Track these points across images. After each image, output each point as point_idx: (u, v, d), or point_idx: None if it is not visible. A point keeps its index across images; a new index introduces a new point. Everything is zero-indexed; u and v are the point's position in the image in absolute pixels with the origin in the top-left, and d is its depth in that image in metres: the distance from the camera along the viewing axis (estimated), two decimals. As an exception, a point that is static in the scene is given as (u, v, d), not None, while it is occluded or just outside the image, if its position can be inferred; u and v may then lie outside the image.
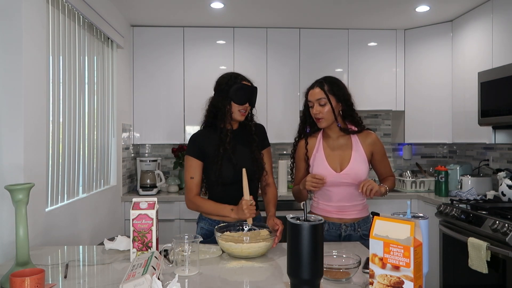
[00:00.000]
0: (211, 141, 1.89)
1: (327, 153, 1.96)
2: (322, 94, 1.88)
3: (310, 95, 1.94)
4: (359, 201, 1.96)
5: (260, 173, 1.94)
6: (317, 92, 1.90)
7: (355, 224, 1.93)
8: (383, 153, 2.02)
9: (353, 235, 1.92)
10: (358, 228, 1.93)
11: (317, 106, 1.90)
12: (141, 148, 4.06)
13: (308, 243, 1.09)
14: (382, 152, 2.01)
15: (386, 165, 2.04)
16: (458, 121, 3.44)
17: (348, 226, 1.92)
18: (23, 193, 1.32)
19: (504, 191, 2.83)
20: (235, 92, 1.85)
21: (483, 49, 3.09)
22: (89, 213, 2.63)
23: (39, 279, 1.13)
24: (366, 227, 1.95)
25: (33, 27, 1.87)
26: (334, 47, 3.80)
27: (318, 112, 1.90)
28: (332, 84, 1.92)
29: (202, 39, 3.72)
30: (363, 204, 1.99)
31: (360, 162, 1.93)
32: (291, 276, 1.14)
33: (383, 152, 2.02)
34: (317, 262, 1.10)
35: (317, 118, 1.91)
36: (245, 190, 1.77)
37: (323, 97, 1.88)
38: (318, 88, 1.91)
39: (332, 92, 1.90)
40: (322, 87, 1.90)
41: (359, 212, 1.95)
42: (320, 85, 1.91)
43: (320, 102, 1.89)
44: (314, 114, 1.92)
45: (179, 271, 1.38)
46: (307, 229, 1.09)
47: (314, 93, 1.91)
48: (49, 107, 2.11)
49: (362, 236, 1.93)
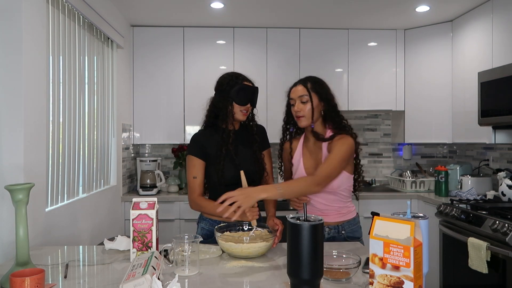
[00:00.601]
0: (212, 141, 1.89)
1: (305, 157, 1.93)
2: (305, 91, 1.85)
3: (292, 92, 1.89)
4: (341, 204, 1.89)
5: (261, 173, 1.94)
6: (300, 89, 1.86)
7: (339, 227, 1.88)
8: (330, 156, 1.76)
9: (337, 237, 1.88)
10: (342, 231, 1.88)
11: (298, 103, 1.86)
12: (141, 148, 4.06)
13: (308, 243, 1.09)
14: (331, 154, 1.77)
15: (319, 167, 1.76)
16: (458, 121, 3.44)
17: (331, 229, 1.88)
18: (23, 193, 1.32)
19: (504, 191, 2.83)
20: (236, 92, 1.85)
21: (483, 49, 3.09)
22: (89, 213, 2.63)
23: (39, 279, 1.13)
24: (351, 229, 1.90)
25: (33, 27, 1.87)
26: (334, 47, 3.80)
27: (300, 110, 1.85)
28: (315, 82, 1.89)
29: (202, 39, 3.72)
30: (347, 207, 1.92)
31: None
32: (291, 276, 1.14)
33: (331, 155, 1.76)
34: (317, 262, 1.10)
35: (298, 116, 1.87)
36: None
37: (305, 94, 1.84)
38: (301, 86, 1.87)
39: (314, 90, 1.86)
40: (305, 84, 1.87)
41: (342, 216, 1.89)
42: (303, 83, 1.88)
43: (302, 99, 1.85)
44: (295, 111, 1.87)
45: (179, 271, 1.38)
46: (307, 229, 1.09)
47: (297, 90, 1.87)
48: (49, 107, 2.11)
49: (346, 238, 1.89)
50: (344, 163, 1.79)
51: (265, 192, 1.61)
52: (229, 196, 1.55)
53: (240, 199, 1.54)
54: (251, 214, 1.72)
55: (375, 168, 4.18)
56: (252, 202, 1.57)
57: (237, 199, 1.54)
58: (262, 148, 1.99)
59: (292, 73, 3.74)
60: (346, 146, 1.79)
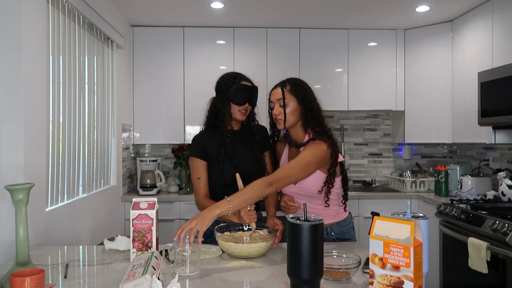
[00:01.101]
0: (212, 142, 1.90)
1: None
2: (282, 95, 1.81)
3: (272, 95, 1.84)
4: (329, 207, 1.85)
5: (261, 173, 1.92)
6: (278, 92, 1.82)
7: (328, 228, 1.86)
8: (293, 160, 1.72)
9: (326, 238, 1.86)
10: (331, 232, 1.87)
11: (277, 106, 1.81)
12: (141, 148, 4.06)
13: (308, 243, 1.09)
14: (295, 158, 1.72)
15: (275, 171, 1.74)
16: (458, 121, 3.44)
17: None
18: (23, 193, 1.32)
19: (504, 191, 2.84)
20: (234, 93, 1.85)
21: (483, 49, 3.09)
22: (89, 213, 2.63)
23: (39, 279, 1.13)
24: (341, 230, 1.88)
25: (33, 27, 1.87)
26: (334, 47, 3.80)
27: (278, 113, 1.80)
28: (295, 85, 1.84)
29: (202, 39, 3.72)
30: (336, 210, 1.89)
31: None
32: (291, 276, 1.14)
33: (298, 156, 1.72)
34: (317, 262, 1.10)
35: (276, 119, 1.82)
36: None
37: (282, 98, 1.80)
38: (279, 88, 1.83)
39: (293, 92, 1.81)
40: (284, 87, 1.82)
41: (331, 218, 1.87)
42: (282, 85, 1.84)
43: (280, 102, 1.80)
44: (274, 114, 1.83)
45: (180, 271, 1.38)
46: (307, 229, 1.09)
47: (275, 93, 1.83)
48: (49, 107, 2.11)
49: (335, 240, 1.87)
50: (310, 168, 1.72)
51: (218, 208, 1.54)
52: (182, 228, 1.47)
53: (194, 224, 1.47)
54: (248, 217, 1.71)
55: (375, 168, 4.18)
56: (208, 222, 1.50)
57: (191, 227, 1.46)
58: (264, 148, 1.99)
59: (292, 73, 3.73)
60: (314, 151, 1.72)
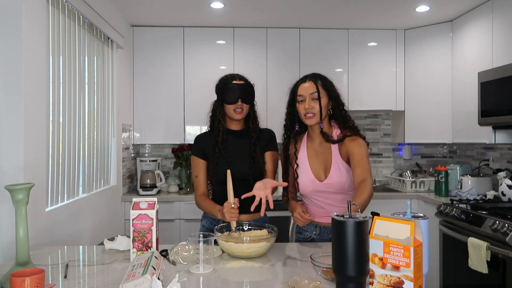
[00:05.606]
0: (210, 142, 1.95)
1: (311, 159, 1.87)
2: (316, 88, 1.79)
3: (302, 89, 1.81)
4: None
5: (256, 172, 1.91)
6: (310, 86, 1.80)
7: None
8: (358, 158, 1.74)
9: None
10: None
11: (309, 100, 1.78)
12: (141, 148, 4.06)
13: (353, 240, 1.08)
14: (357, 157, 1.74)
15: (360, 172, 1.72)
16: (458, 121, 3.44)
17: None
18: (23, 193, 1.32)
19: (504, 191, 2.83)
20: (224, 93, 1.91)
21: (483, 49, 3.09)
22: (89, 213, 2.63)
23: (39, 279, 1.13)
24: None
25: (33, 27, 1.87)
26: (334, 47, 3.80)
27: (311, 107, 1.78)
28: (325, 80, 1.84)
29: (202, 39, 3.72)
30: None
31: (341, 171, 1.80)
32: (336, 273, 1.13)
33: (358, 157, 1.74)
34: (362, 260, 1.09)
35: (308, 114, 1.79)
36: (229, 192, 1.75)
37: (316, 91, 1.79)
38: (311, 82, 1.81)
39: (325, 87, 1.81)
40: (316, 81, 1.81)
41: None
42: (313, 79, 1.82)
43: (313, 96, 1.78)
44: (305, 109, 1.80)
45: (194, 269, 1.41)
46: (352, 225, 1.08)
47: (307, 87, 1.80)
48: (49, 107, 2.11)
49: None
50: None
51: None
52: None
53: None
54: (229, 215, 1.72)
55: (375, 168, 4.18)
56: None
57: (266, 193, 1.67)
58: (265, 148, 1.99)
59: (292, 73, 3.74)
60: (365, 147, 1.77)
